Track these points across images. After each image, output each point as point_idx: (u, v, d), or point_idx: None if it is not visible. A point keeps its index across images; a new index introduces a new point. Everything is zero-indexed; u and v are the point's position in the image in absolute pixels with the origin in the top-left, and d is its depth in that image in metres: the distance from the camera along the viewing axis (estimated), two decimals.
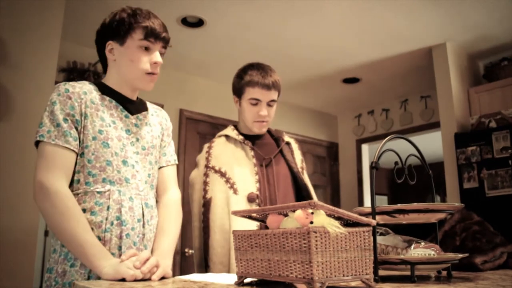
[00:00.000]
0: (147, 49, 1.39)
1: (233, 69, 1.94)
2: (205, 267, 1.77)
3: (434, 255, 1.14)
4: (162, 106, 4.27)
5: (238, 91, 1.92)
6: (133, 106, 1.45)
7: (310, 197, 1.91)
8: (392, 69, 4.41)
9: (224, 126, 4.60)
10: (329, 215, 0.94)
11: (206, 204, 1.81)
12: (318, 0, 3.17)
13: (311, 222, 0.90)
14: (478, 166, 3.46)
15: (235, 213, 1.12)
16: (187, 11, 3.32)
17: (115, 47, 1.39)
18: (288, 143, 2.01)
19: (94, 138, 1.32)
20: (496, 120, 3.49)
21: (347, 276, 0.90)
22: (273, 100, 1.87)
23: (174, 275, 1.32)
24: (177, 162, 1.61)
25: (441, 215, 1.19)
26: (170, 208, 1.49)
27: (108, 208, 1.30)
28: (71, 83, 1.38)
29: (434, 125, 4.74)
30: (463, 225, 1.62)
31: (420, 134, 5.03)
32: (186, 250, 4.03)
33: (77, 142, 1.31)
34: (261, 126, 1.90)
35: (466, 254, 1.17)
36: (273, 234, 0.94)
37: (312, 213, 0.91)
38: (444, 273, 1.25)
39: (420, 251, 1.14)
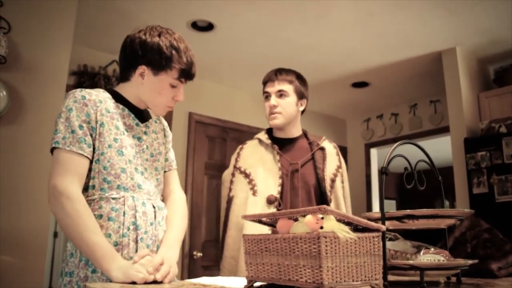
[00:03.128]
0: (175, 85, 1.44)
1: (242, 72, 1.96)
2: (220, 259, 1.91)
3: (443, 261, 1.14)
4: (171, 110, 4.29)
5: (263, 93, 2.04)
6: (142, 115, 1.51)
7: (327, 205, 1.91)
8: (402, 73, 4.41)
9: (233, 130, 4.66)
10: (339, 220, 0.94)
11: (229, 202, 1.93)
12: (328, 5, 3.18)
13: (321, 227, 0.91)
14: (488, 172, 3.44)
15: (246, 217, 1.13)
16: (197, 15, 3.34)
17: (147, 73, 1.41)
18: (322, 148, 2.01)
19: (109, 146, 1.36)
20: (506, 125, 3.47)
21: (357, 281, 0.91)
22: (281, 90, 1.94)
23: (182, 278, 1.33)
24: (176, 167, 1.67)
25: (451, 221, 1.19)
26: (177, 205, 1.55)
27: (124, 214, 1.34)
28: (87, 90, 1.40)
29: (443, 130, 4.72)
30: (473, 233, 1.62)
31: (429, 139, 5.01)
32: (194, 253, 4.05)
33: (91, 148, 1.34)
34: (272, 117, 1.96)
35: (476, 261, 1.17)
36: (283, 239, 0.95)
37: (322, 218, 0.92)
38: (454, 279, 1.25)
39: (430, 257, 1.14)
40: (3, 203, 2.36)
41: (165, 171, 1.58)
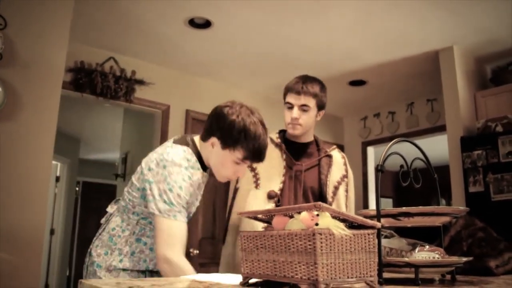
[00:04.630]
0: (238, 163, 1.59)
1: (239, 70, 1.97)
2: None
3: (438, 258, 1.14)
4: (168, 107, 4.29)
5: (283, 98, 2.06)
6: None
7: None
8: (399, 72, 4.41)
9: None
10: (334, 217, 0.94)
11: (234, 192, 2.05)
12: (325, 3, 3.17)
13: (317, 224, 0.91)
14: (483, 170, 3.45)
15: (242, 214, 1.13)
16: (194, 12, 3.33)
17: (217, 145, 1.57)
18: (329, 156, 2.07)
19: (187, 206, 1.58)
20: (503, 124, 3.48)
21: (352, 277, 0.91)
22: (305, 105, 1.97)
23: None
24: None
25: (446, 219, 1.19)
26: None
27: None
28: (189, 169, 1.56)
29: (440, 129, 4.72)
30: (468, 231, 1.62)
31: (426, 137, 5.02)
32: (191, 250, 4.05)
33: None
34: (292, 127, 2.00)
35: (470, 258, 1.17)
36: (278, 235, 0.95)
37: (318, 215, 0.92)
38: (448, 276, 1.25)
39: (425, 254, 1.15)
40: None
41: None
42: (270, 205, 1.91)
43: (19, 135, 2.49)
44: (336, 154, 2.12)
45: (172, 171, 1.51)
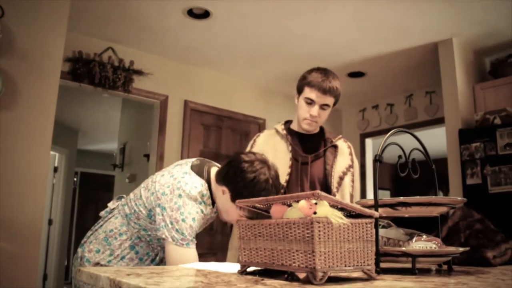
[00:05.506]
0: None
1: (238, 61, 1.96)
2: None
3: (435, 248, 1.15)
4: (166, 97, 4.28)
5: (298, 88, 2.03)
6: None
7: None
8: (398, 63, 4.40)
9: (228, 118, 4.65)
10: (332, 206, 0.95)
11: None
12: None
13: (315, 213, 0.91)
14: (481, 163, 3.46)
15: (240, 202, 1.13)
16: (193, 2, 3.32)
17: (227, 193, 1.56)
18: (335, 146, 2.07)
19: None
20: (501, 117, 3.48)
21: (349, 266, 0.91)
22: (326, 105, 1.96)
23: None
24: None
25: (443, 209, 1.20)
26: None
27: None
28: (203, 203, 1.57)
29: (438, 121, 4.73)
30: (466, 223, 1.63)
31: (424, 130, 5.03)
32: None
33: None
34: (309, 123, 2.00)
35: (467, 248, 1.18)
36: (276, 224, 0.96)
37: (316, 203, 0.92)
38: (445, 266, 1.26)
39: (422, 244, 1.15)
40: None
41: None
42: None
43: (17, 125, 2.49)
44: (341, 144, 2.11)
45: (188, 203, 1.51)
